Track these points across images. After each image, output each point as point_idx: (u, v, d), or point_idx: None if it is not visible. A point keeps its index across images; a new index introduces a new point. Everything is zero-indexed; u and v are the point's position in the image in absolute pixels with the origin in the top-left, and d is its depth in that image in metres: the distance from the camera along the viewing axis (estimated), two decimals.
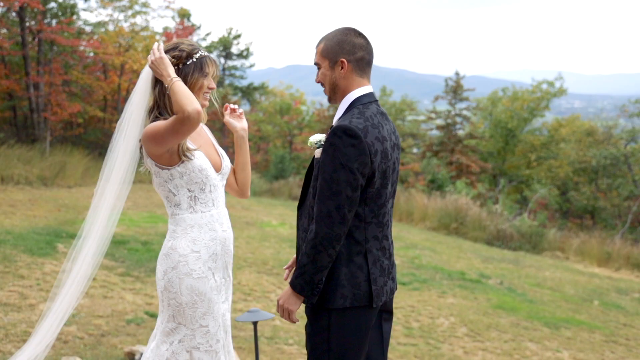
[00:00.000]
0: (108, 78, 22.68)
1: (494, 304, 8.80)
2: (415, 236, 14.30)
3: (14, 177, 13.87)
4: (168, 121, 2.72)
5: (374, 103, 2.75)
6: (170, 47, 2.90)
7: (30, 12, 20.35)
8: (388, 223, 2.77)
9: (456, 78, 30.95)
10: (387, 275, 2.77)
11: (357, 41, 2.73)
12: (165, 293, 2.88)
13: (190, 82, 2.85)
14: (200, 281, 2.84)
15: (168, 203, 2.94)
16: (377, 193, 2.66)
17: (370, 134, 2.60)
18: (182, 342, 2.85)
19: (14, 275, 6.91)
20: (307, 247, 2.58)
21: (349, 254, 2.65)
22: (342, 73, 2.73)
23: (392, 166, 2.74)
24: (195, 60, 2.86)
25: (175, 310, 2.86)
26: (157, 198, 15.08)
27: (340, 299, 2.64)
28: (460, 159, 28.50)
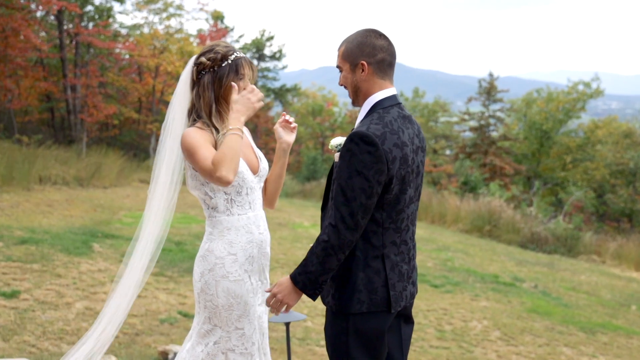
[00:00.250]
0: (143, 80, 22.99)
1: (528, 307, 8.69)
2: (447, 238, 14.20)
3: (51, 178, 14.13)
4: (202, 158, 2.71)
5: (396, 107, 2.71)
6: (206, 50, 2.90)
7: (68, 15, 20.73)
8: (408, 227, 2.74)
9: (490, 79, 30.66)
10: (407, 280, 2.75)
11: (378, 43, 2.69)
12: (201, 295, 2.88)
13: (224, 84, 2.85)
14: (237, 284, 2.84)
15: (205, 205, 2.94)
16: (395, 199, 2.64)
17: (388, 140, 2.56)
18: (217, 344, 2.86)
19: (51, 274, 7.04)
20: (318, 249, 2.57)
21: (366, 259, 2.64)
22: (363, 76, 2.70)
23: (416, 170, 2.71)
24: (230, 62, 2.85)
25: (211, 312, 2.87)
26: (190, 199, 15.23)
27: (357, 304, 2.63)
28: (493, 161, 28.22)
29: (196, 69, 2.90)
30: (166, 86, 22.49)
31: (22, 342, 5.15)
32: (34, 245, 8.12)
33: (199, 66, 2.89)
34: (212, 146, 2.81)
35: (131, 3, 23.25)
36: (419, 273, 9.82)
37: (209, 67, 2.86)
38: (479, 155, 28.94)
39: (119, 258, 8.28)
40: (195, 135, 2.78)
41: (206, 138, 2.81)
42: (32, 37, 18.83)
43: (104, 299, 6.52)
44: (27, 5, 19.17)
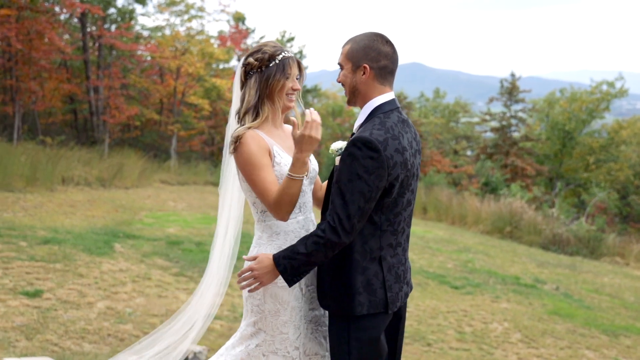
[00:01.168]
0: (164, 81, 23.15)
1: (550, 309, 8.61)
2: (468, 240, 14.12)
3: (74, 178, 14.29)
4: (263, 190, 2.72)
5: (395, 111, 2.74)
6: (254, 50, 2.91)
7: (91, 18, 20.96)
8: (403, 230, 2.77)
9: (512, 79, 30.42)
10: (403, 280, 2.80)
11: (383, 49, 2.72)
12: (249, 300, 2.88)
13: (271, 84, 2.84)
14: (284, 289, 2.83)
15: (255, 209, 2.91)
16: (393, 202, 2.68)
17: (390, 146, 2.60)
18: (259, 346, 2.86)
19: (73, 274, 7.12)
20: (309, 241, 2.60)
21: (365, 262, 2.68)
22: (363, 78, 2.72)
23: (415, 173, 2.76)
24: (277, 61, 2.85)
25: (257, 317, 2.87)
26: (211, 199, 15.31)
27: (358, 307, 2.67)
28: (515, 162, 27.99)
29: (244, 69, 2.91)
30: (187, 87, 22.64)
31: (45, 341, 5.22)
32: (56, 245, 8.22)
33: (247, 67, 2.89)
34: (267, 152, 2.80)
35: (153, 5, 23.45)
36: (439, 274, 9.78)
37: (256, 68, 2.87)
38: (500, 156, 28.73)
39: (140, 258, 8.36)
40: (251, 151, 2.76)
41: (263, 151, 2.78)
42: (56, 39, 19.07)
43: (125, 299, 6.58)
44: (52, 9, 19.42)
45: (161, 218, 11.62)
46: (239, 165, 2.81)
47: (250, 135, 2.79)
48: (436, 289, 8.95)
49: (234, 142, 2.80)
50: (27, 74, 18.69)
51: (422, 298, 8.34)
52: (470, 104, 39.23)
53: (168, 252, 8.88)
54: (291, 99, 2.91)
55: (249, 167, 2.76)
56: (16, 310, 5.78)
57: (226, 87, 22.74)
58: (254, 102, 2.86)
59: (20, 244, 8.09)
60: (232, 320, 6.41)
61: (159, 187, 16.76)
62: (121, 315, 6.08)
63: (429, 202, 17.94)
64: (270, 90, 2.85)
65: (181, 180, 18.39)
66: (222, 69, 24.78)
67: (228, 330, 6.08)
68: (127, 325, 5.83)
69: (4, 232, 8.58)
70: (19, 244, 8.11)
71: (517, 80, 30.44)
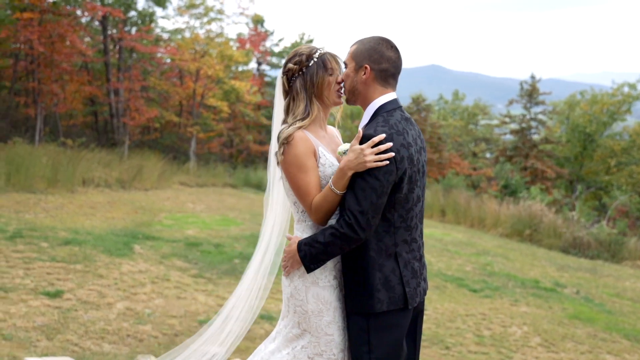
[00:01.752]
0: (184, 84, 23.29)
1: (570, 313, 8.53)
2: (487, 242, 14.03)
3: (94, 180, 14.42)
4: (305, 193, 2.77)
5: (398, 110, 2.81)
6: (290, 56, 2.93)
7: (112, 20, 21.16)
8: (416, 225, 2.83)
9: (532, 81, 30.21)
10: (419, 276, 2.84)
11: (387, 53, 2.80)
12: (291, 300, 2.89)
13: (317, 83, 2.87)
14: (326, 290, 2.84)
15: (295, 209, 2.93)
16: (404, 198, 2.73)
17: (395, 141, 2.67)
18: (305, 348, 2.86)
19: (93, 275, 7.19)
20: (327, 232, 2.68)
21: (381, 259, 2.73)
22: (363, 78, 2.80)
23: (421, 169, 2.82)
24: (316, 59, 2.89)
25: (301, 318, 2.87)
26: (230, 201, 15.37)
27: (377, 304, 2.71)
28: (535, 164, 27.78)
29: (286, 77, 2.93)
30: (206, 90, 22.75)
31: (65, 341, 5.27)
32: (77, 246, 8.30)
33: (288, 73, 2.92)
34: (313, 153, 2.81)
35: (173, 8, 23.60)
36: (457, 277, 9.73)
37: (297, 71, 2.89)
38: (519, 158, 28.53)
39: (159, 259, 8.41)
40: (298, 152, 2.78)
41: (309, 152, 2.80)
42: (78, 42, 19.27)
43: (144, 300, 6.63)
44: (73, 12, 19.63)
45: (180, 220, 11.69)
46: (284, 165, 2.83)
47: (299, 137, 2.80)
48: (454, 292, 8.90)
49: (284, 142, 2.81)
50: (49, 76, 18.90)
51: (440, 301, 8.30)
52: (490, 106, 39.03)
53: (187, 253, 8.92)
54: (339, 94, 2.94)
55: (294, 168, 2.79)
56: (37, 311, 5.85)
57: (245, 89, 22.83)
58: (303, 104, 2.88)
59: (41, 245, 8.18)
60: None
61: (178, 189, 16.86)
62: (140, 316, 6.12)
63: (447, 204, 17.85)
64: (317, 88, 2.88)
65: (200, 182, 18.48)
66: (241, 72, 24.89)
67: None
68: (146, 326, 5.87)
69: (26, 233, 8.68)
70: (40, 244, 8.20)
71: (537, 82, 30.22)
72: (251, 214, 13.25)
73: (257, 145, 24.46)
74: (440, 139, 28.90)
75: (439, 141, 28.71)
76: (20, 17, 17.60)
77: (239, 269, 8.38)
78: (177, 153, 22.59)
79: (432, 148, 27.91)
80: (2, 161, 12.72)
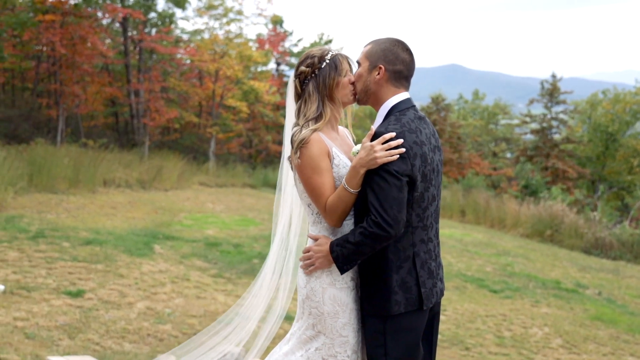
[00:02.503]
0: (203, 84, 23.41)
1: (592, 315, 8.45)
2: (507, 243, 13.93)
3: (115, 180, 14.55)
4: (319, 194, 2.77)
5: (411, 109, 2.82)
6: (303, 59, 2.94)
7: (132, 22, 21.32)
8: (432, 225, 2.83)
9: (553, 80, 29.97)
10: (435, 277, 2.83)
11: (402, 55, 2.82)
12: (307, 302, 2.88)
13: (329, 84, 2.87)
14: (343, 291, 2.84)
15: (310, 211, 2.93)
16: (420, 197, 2.73)
17: (407, 139, 2.68)
18: (319, 350, 2.86)
19: (114, 274, 7.25)
20: (357, 232, 2.67)
21: (398, 260, 2.72)
22: (377, 78, 2.82)
23: (436, 168, 2.81)
24: (328, 61, 2.89)
25: (316, 319, 2.86)
26: (248, 202, 15.42)
27: (395, 306, 2.71)
28: (556, 164, 27.55)
29: (298, 80, 2.93)
30: (225, 90, 22.85)
31: (87, 340, 5.32)
32: (98, 246, 8.38)
33: (301, 76, 2.92)
34: (327, 154, 2.82)
35: (192, 9, 23.75)
36: (477, 278, 9.68)
37: (310, 74, 2.90)
38: (540, 158, 28.31)
39: (179, 259, 8.46)
40: (313, 154, 2.79)
41: (323, 154, 2.81)
42: (99, 44, 19.46)
43: (164, 300, 6.67)
44: (94, 14, 19.82)
45: (200, 220, 11.75)
46: (299, 168, 2.83)
47: (315, 139, 2.81)
48: (474, 292, 8.85)
49: (299, 145, 2.80)
50: (71, 78, 19.10)
51: (460, 302, 8.26)
52: (510, 105, 38.76)
53: (206, 253, 8.97)
54: (352, 94, 2.94)
55: (309, 170, 2.79)
56: (59, 310, 5.91)
57: (264, 89, 22.88)
58: (316, 105, 2.88)
59: (63, 245, 8.26)
60: None
61: (198, 189, 16.95)
62: (160, 316, 6.16)
63: (467, 204, 17.76)
64: (329, 90, 2.88)
65: (219, 183, 18.56)
66: (260, 72, 24.96)
67: None
68: (166, 326, 5.91)
69: (48, 233, 8.78)
70: (62, 244, 8.29)
71: (558, 81, 29.97)
72: (270, 214, 13.24)
73: (276, 146, 24.52)
74: (459, 139, 28.76)
75: (459, 141, 28.57)
76: (42, 19, 17.81)
77: (257, 268, 8.39)
78: (197, 153, 22.72)
79: (451, 148, 27.78)
80: (25, 162, 12.87)
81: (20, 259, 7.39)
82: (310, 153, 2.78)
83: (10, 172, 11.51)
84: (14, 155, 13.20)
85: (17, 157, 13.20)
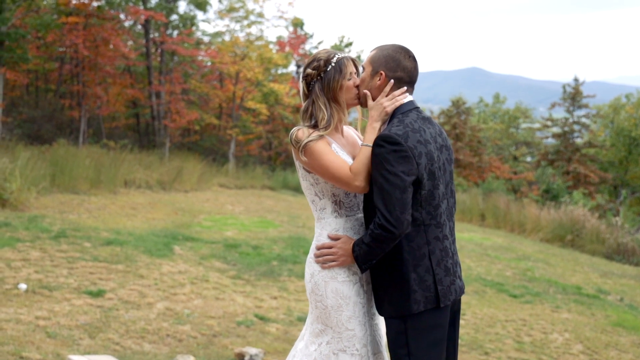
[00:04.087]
0: (224, 86, 23.52)
1: (613, 321, 8.35)
2: (527, 247, 13.82)
3: (135, 181, 14.66)
4: (338, 167, 2.81)
5: (414, 110, 2.88)
6: (310, 61, 2.98)
7: (154, 24, 21.49)
8: (446, 222, 2.86)
9: (575, 84, 29.69)
10: (453, 274, 2.85)
11: (404, 62, 2.88)
12: (312, 295, 2.95)
13: (333, 87, 2.92)
14: (345, 285, 2.89)
15: (314, 207, 3.00)
16: (429, 195, 2.77)
17: (411, 138, 2.73)
18: (329, 344, 2.91)
19: (134, 275, 7.30)
20: (367, 233, 2.74)
21: (415, 259, 2.76)
22: (378, 84, 2.88)
23: (443, 167, 2.85)
24: (334, 64, 2.93)
25: (321, 313, 2.92)
26: (267, 203, 15.46)
27: (414, 305, 2.75)
28: (577, 169, 27.28)
29: (305, 82, 2.99)
30: (246, 92, 22.94)
31: (107, 340, 5.36)
32: (118, 247, 8.44)
33: (307, 78, 2.97)
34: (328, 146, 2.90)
35: (213, 12, 23.87)
36: (497, 282, 9.61)
37: (316, 76, 2.94)
38: (562, 162, 28.05)
39: (198, 260, 8.50)
40: (319, 146, 2.85)
41: (327, 145, 2.89)
42: (121, 45, 19.65)
43: (184, 300, 6.71)
44: (117, 16, 20.01)
45: (219, 221, 11.80)
46: (307, 163, 2.87)
47: (318, 143, 2.87)
48: (494, 297, 8.79)
49: (304, 148, 2.85)
50: (93, 79, 19.29)
51: (479, 306, 8.21)
52: (531, 109, 38.49)
53: (226, 254, 9.00)
54: (357, 97, 2.97)
55: (316, 154, 2.84)
56: (80, 309, 5.97)
57: (284, 91, 22.94)
58: (324, 110, 2.93)
59: (84, 245, 8.34)
60: (288, 323, 6.45)
61: (218, 190, 17.02)
62: (180, 316, 6.19)
63: (487, 208, 17.65)
64: (334, 93, 2.92)
65: (239, 184, 18.63)
66: (280, 74, 25.03)
67: (284, 334, 6.12)
68: (185, 326, 5.94)
69: (70, 233, 8.87)
70: (83, 244, 8.37)
71: (580, 85, 29.69)
72: (289, 216, 13.30)
73: None
74: (480, 142, 28.60)
75: (479, 144, 28.41)
76: (66, 21, 18.02)
77: (276, 270, 8.42)
78: (217, 155, 22.82)
79: (471, 151, 27.63)
80: (47, 162, 13.02)
81: (42, 258, 7.48)
82: (315, 146, 2.85)
83: (33, 173, 11.65)
84: (37, 156, 13.35)
85: (39, 157, 13.36)
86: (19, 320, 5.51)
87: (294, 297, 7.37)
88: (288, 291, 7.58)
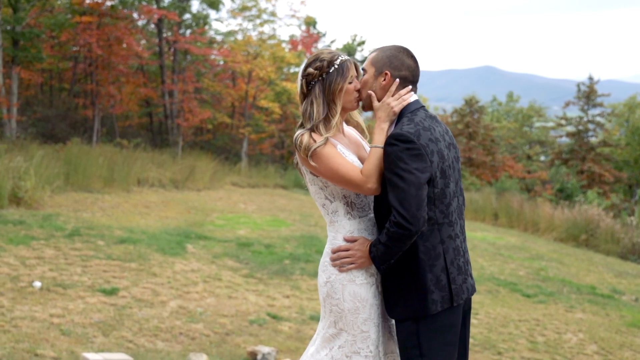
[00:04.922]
0: (236, 85, 23.56)
1: (628, 321, 8.28)
2: (541, 247, 13.75)
3: (149, 180, 14.72)
4: (349, 170, 2.79)
5: (421, 109, 2.88)
6: (312, 60, 2.94)
7: (167, 23, 21.56)
8: (457, 221, 2.85)
9: (589, 83, 29.47)
10: (465, 272, 2.85)
11: (407, 62, 2.88)
12: (327, 300, 2.90)
13: (334, 89, 2.88)
14: (363, 287, 2.86)
15: (325, 211, 2.96)
16: (441, 193, 2.77)
17: (422, 136, 2.72)
18: (342, 348, 2.88)
19: (147, 273, 7.33)
20: (384, 232, 2.72)
21: (430, 259, 2.75)
22: (383, 84, 2.87)
23: (452, 165, 2.84)
24: (337, 66, 2.89)
25: (337, 317, 2.88)
26: (280, 202, 15.47)
27: (432, 306, 2.73)
28: (592, 168, 27.09)
29: (305, 80, 2.94)
30: (258, 91, 22.97)
31: (121, 338, 5.39)
32: (132, 245, 8.48)
33: (308, 77, 2.92)
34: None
35: (226, 11, 23.91)
36: (510, 282, 9.56)
37: (317, 76, 2.90)
38: (576, 161, 27.86)
39: (211, 259, 8.52)
40: (327, 149, 2.82)
41: (333, 147, 2.86)
42: (134, 45, 19.73)
43: (196, 299, 6.73)
44: (130, 15, 20.10)
45: (232, 220, 11.82)
46: (316, 168, 2.84)
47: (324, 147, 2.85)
48: (507, 296, 8.75)
49: (313, 153, 2.82)
50: (106, 78, 19.39)
51: (492, 306, 8.17)
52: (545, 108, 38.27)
53: (238, 253, 9.02)
54: (357, 100, 2.94)
55: (324, 159, 2.81)
56: (94, 307, 6.00)
57: (296, 90, 22.94)
58: (324, 112, 2.89)
59: (98, 243, 8.39)
60: (300, 322, 6.45)
61: (230, 189, 17.06)
62: (192, 315, 6.21)
63: (500, 208, 17.56)
64: (334, 95, 2.89)
65: (251, 183, 18.66)
66: (292, 73, 25.04)
67: (296, 332, 6.12)
68: (198, 325, 5.95)
69: (84, 232, 8.92)
70: (97, 243, 8.41)
71: (595, 83, 29.47)
72: (301, 215, 13.30)
73: None
74: (493, 141, 28.47)
75: (492, 143, 28.27)
76: (80, 20, 18.12)
77: (289, 269, 8.42)
78: (229, 154, 22.87)
79: (485, 150, 27.51)
80: (61, 161, 13.11)
81: (56, 256, 7.53)
82: (323, 151, 2.82)
83: (48, 171, 11.73)
84: (51, 155, 13.44)
85: (54, 156, 13.45)
86: (34, 317, 5.55)
87: (306, 295, 7.37)
88: (300, 290, 7.58)
